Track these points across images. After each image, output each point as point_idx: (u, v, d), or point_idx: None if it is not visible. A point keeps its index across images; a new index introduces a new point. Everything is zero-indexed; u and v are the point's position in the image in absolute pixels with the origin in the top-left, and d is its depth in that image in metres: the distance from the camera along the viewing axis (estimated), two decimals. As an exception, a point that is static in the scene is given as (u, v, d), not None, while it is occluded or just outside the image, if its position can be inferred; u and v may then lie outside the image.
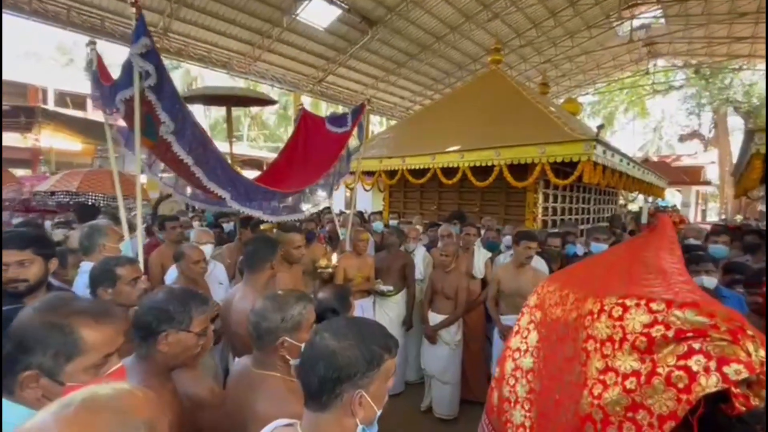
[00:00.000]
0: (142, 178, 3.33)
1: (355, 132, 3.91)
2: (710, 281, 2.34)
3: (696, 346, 0.73)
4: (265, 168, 4.19)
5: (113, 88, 2.37)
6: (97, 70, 2.51)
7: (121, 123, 2.69)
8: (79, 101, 16.52)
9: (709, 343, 0.72)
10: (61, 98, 16.59)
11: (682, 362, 0.73)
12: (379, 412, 0.86)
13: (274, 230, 3.35)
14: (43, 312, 0.90)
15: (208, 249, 2.92)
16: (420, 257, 3.95)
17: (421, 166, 6.15)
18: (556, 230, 4.57)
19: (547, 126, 5.19)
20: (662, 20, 13.90)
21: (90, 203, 6.45)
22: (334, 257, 3.41)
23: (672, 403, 0.73)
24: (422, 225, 5.35)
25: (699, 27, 13.56)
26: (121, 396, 0.60)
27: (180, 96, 2.41)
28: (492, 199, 6.24)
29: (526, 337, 1.25)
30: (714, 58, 16.70)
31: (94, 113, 13.88)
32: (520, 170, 5.13)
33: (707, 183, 17.66)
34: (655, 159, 18.04)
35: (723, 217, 16.32)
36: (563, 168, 5.01)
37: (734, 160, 12.22)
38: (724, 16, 12.31)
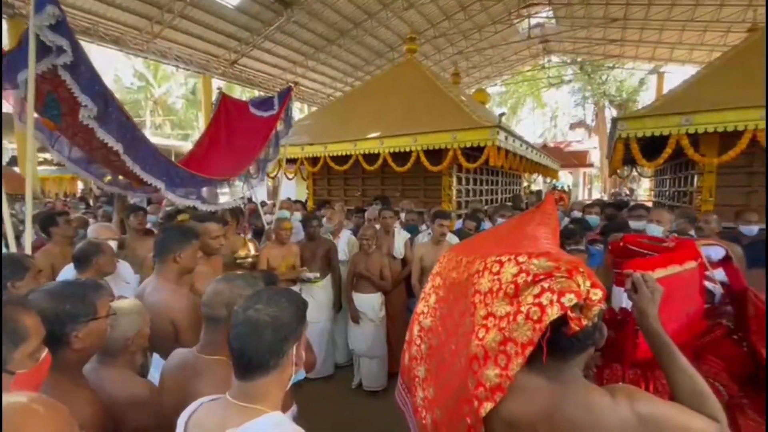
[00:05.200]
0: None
1: (282, 117, 3.84)
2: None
3: (545, 285, 0.94)
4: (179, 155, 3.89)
5: (10, 63, 2.03)
6: None
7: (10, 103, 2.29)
8: None
9: (553, 281, 0.93)
10: None
11: (537, 300, 0.94)
12: (304, 358, 0.99)
13: (190, 220, 3.18)
14: None
15: (111, 245, 2.67)
16: (344, 241, 4.06)
17: (344, 153, 6.22)
18: (466, 210, 5.02)
19: (457, 114, 5.60)
20: (553, 21, 15.62)
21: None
22: (252, 247, 3.35)
23: (530, 332, 0.93)
24: (343, 211, 5.46)
25: (582, 29, 15.52)
26: (19, 415, 0.61)
27: (101, 77, 2.15)
28: (412, 183, 6.58)
29: (428, 301, 1.44)
30: (594, 57, 19.32)
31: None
32: (435, 155, 5.49)
33: (591, 165, 20.55)
34: (551, 145, 20.40)
35: (603, 194, 19.26)
36: (473, 153, 5.48)
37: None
38: (600, 20, 14.26)
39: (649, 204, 7.84)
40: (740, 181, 4.35)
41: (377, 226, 3.98)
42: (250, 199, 5.94)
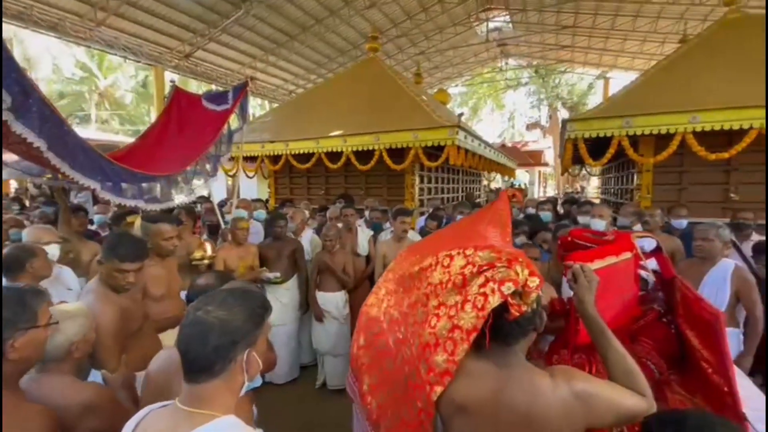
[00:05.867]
0: None
1: (237, 112, 3.71)
2: (521, 240, 3.08)
3: (488, 275, 1.01)
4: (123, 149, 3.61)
5: None
6: None
7: None
8: None
9: (495, 271, 1.01)
10: None
11: (481, 289, 1.01)
12: (261, 366, 0.95)
13: (138, 220, 3.01)
14: None
15: (52, 250, 2.49)
16: (307, 240, 4.02)
17: (306, 151, 6.14)
18: (429, 208, 5.13)
19: (419, 113, 5.71)
20: (510, 25, 16.26)
21: None
22: (209, 248, 3.24)
23: (474, 320, 1.00)
24: (310, 210, 5.40)
25: (536, 34, 16.28)
26: None
27: (19, 64, 1.95)
28: (375, 182, 6.62)
29: (377, 294, 1.48)
30: (547, 61, 20.33)
31: None
32: (398, 154, 5.56)
33: (546, 164, 21.68)
34: (509, 145, 21.30)
35: (557, 191, 20.34)
36: (434, 152, 5.61)
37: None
38: (552, 26, 15.03)
39: (597, 201, 8.40)
40: (673, 179, 4.78)
41: (340, 225, 3.98)
42: (206, 198, 5.72)
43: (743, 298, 2.59)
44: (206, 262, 3.23)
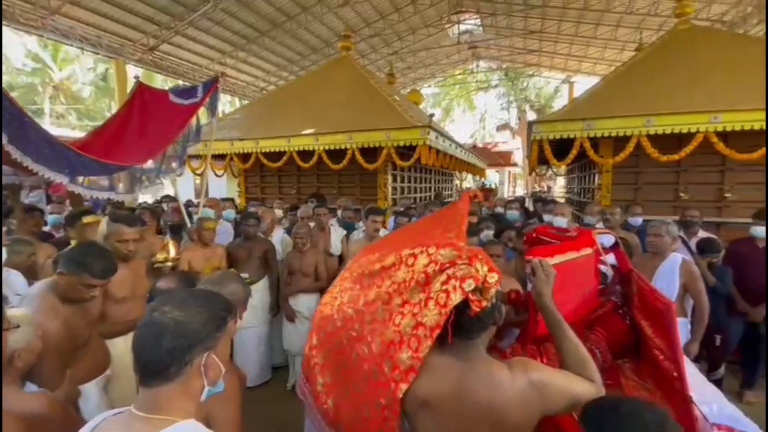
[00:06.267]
0: None
1: (206, 106, 3.62)
2: (488, 234, 3.20)
3: (450, 272, 1.04)
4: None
5: None
6: None
7: None
8: None
9: (456, 268, 1.04)
10: None
11: (443, 287, 1.04)
12: (223, 370, 0.91)
13: (104, 220, 2.86)
14: None
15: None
16: (278, 240, 3.96)
17: (277, 149, 6.04)
18: (401, 208, 5.17)
19: (391, 113, 5.74)
20: (481, 28, 16.64)
21: None
22: (172, 249, 3.12)
23: (437, 316, 1.03)
24: (284, 209, 5.32)
25: (505, 38, 16.74)
26: None
27: None
28: (348, 181, 6.60)
29: (332, 293, 1.49)
30: (516, 64, 20.96)
31: None
32: (370, 153, 5.57)
33: (515, 165, 22.34)
34: (480, 145, 21.80)
35: (525, 191, 21.00)
36: (406, 151, 5.67)
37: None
38: (520, 31, 15.52)
39: (563, 200, 8.76)
40: (630, 179, 5.05)
41: (312, 224, 3.95)
42: (172, 198, 5.51)
43: (690, 289, 2.78)
44: (170, 264, 3.11)
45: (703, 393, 1.55)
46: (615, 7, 12.08)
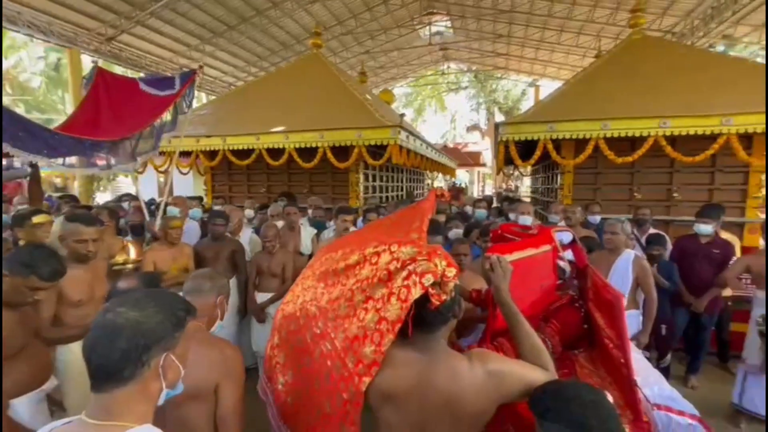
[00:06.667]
0: None
1: (183, 97, 3.66)
2: (457, 232, 3.28)
3: (411, 268, 1.08)
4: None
5: None
6: None
7: None
8: None
9: (417, 264, 1.08)
10: None
11: (405, 282, 1.08)
12: (182, 372, 0.90)
13: (58, 220, 2.71)
14: None
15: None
16: (246, 240, 3.89)
17: (245, 147, 5.91)
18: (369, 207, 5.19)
19: (362, 112, 5.75)
20: (451, 30, 16.94)
21: None
22: (132, 251, 3.00)
23: (399, 311, 1.07)
24: (254, 209, 5.21)
25: (475, 41, 17.14)
26: None
27: None
28: (319, 179, 6.55)
29: (294, 291, 1.50)
30: (485, 67, 21.50)
31: None
32: (342, 152, 5.57)
33: (484, 165, 22.95)
34: (451, 145, 22.24)
35: (494, 190, 21.62)
36: (378, 150, 5.70)
37: (498, 147, 16.33)
38: (489, 34, 15.93)
39: (528, 199, 9.10)
40: (589, 179, 5.33)
41: (281, 223, 3.90)
42: (134, 196, 5.29)
43: (641, 284, 2.99)
44: (130, 266, 2.99)
45: (647, 377, 1.68)
46: (577, 16, 12.65)
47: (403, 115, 5.95)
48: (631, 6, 6.04)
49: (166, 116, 3.65)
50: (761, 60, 11.91)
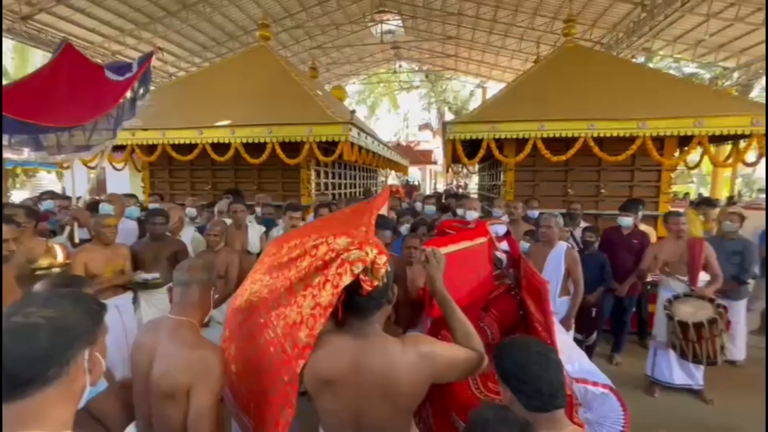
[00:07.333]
0: None
1: (140, 81, 3.61)
2: (408, 228, 3.39)
3: (344, 257, 1.15)
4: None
5: None
6: None
7: None
8: None
9: (349, 253, 1.15)
10: None
11: (338, 270, 1.14)
12: (104, 367, 0.87)
13: None
14: None
15: None
16: (188, 239, 3.70)
17: (187, 141, 5.59)
18: (316, 204, 5.16)
19: (313, 107, 5.68)
20: (402, 29, 17.18)
21: None
22: (60, 253, 2.75)
23: (330, 296, 1.14)
24: (198, 207, 4.94)
25: (425, 41, 17.52)
26: None
27: None
28: (269, 176, 6.38)
29: (244, 285, 1.53)
30: (435, 67, 22.10)
31: None
32: (292, 148, 5.46)
33: (435, 163, 23.63)
34: (404, 144, 22.64)
35: (445, 187, 22.35)
36: (329, 147, 5.67)
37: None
38: (438, 35, 16.38)
39: (475, 195, 9.53)
40: (529, 177, 5.70)
41: (228, 221, 3.76)
42: (55, 194, 4.84)
43: (571, 272, 3.27)
44: (56, 270, 2.73)
45: (570, 355, 1.86)
46: (519, 22, 13.40)
47: (354, 111, 5.96)
48: (566, 16, 6.53)
49: (124, 103, 3.57)
50: (674, 72, 13.42)
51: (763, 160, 4.93)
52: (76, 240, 3.37)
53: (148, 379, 1.31)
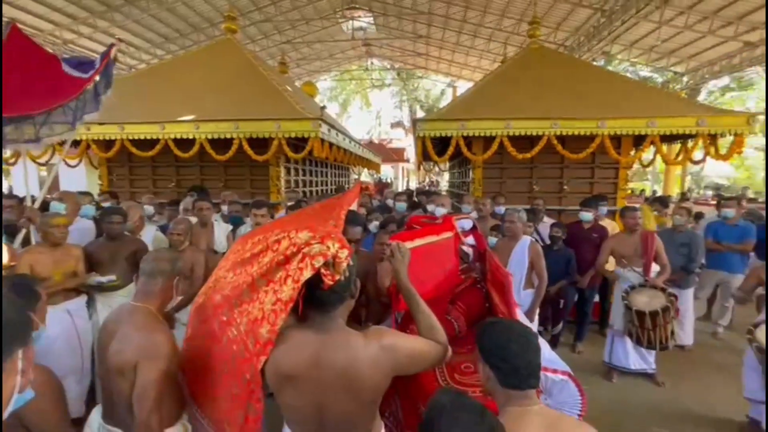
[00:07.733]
0: None
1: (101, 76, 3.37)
2: (375, 226, 3.41)
3: (305, 251, 1.14)
4: None
5: None
6: None
7: None
8: None
9: (311, 247, 1.14)
10: None
11: (299, 264, 1.13)
12: (32, 374, 0.83)
13: None
14: None
15: None
16: (149, 238, 3.54)
17: (148, 137, 5.33)
18: (286, 202, 5.08)
19: (281, 103, 5.56)
20: (374, 27, 17.15)
21: None
22: (5, 254, 2.56)
23: (291, 291, 1.13)
24: (155, 205, 4.72)
25: (396, 39, 17.58)
26: None
27: None
28: (237, 173, 6.19)
29: (207, 284, 1.49)
30: (407, 66, 22.23)
31: None
32: (261, 144, 5.32)
33: (407, 160, 23.81)
34: (376, 141, 22.65)
35: (418, 184, 22.58)
36: (299, 143, 5.57)
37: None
38: (409, 34, 16.47)
39: (445, 192, 9.68)
40: (496, 174, 5.85)
41: (192, 219, 3.63)
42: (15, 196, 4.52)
43: (535, 265, 3.39)
44: (3, 273, 2.54)
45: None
46: (487, 23, 13.70)
47: (324, 107, 5.88)
48: (531, 18, 6.73)
49: (85, 95, 3.35)
50: (630, 75, 14.16)
51: (708, 158, 5.30)
52: (33, 244, 3.15)
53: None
